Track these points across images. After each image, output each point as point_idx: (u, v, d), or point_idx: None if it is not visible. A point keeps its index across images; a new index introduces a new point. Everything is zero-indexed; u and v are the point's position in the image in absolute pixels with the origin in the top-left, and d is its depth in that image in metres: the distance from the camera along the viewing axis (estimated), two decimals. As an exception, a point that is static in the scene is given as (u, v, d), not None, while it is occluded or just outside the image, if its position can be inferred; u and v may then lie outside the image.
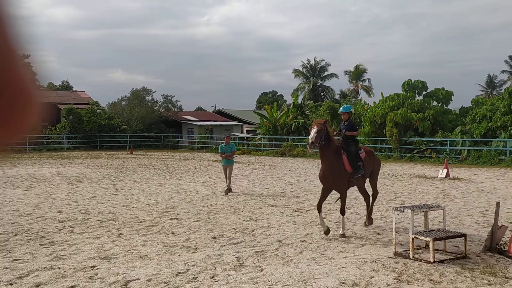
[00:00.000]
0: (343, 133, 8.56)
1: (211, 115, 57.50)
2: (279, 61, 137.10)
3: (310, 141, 7.75)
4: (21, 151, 37.68)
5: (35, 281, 5.72)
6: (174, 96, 51.49)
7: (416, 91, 30.58)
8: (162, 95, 50.19)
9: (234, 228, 8.85)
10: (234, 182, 16.19)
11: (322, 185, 8.45)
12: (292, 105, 40.05)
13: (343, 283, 5.59)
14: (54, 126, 44.62)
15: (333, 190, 8.43)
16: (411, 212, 6.87)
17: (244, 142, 40.76)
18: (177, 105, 50.87)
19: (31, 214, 10.46)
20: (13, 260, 6.68)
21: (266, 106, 40.96)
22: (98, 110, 47.04)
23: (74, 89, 67.94)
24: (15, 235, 8.28)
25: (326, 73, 62.82)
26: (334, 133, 8.66)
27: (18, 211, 10.85)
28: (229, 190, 13.62)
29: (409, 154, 27.35)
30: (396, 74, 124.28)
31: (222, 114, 56.92)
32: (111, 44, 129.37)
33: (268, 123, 38.53)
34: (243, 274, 6.01)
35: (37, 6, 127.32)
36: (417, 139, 27.45)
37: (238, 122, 52.98)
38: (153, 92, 49.12)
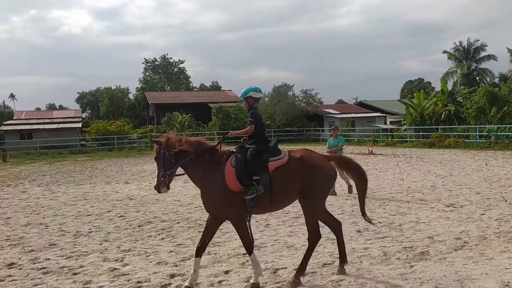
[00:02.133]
0: (224, 135, 6.10)
1: (352, 107, 56.47)
2: (425, 46, 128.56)
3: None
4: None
5: (195, 264, 6.33)
6: (313, 89, 51.94)
7: None
8: (301, 91, 51.00)
9: (379, 222, 8.59)
10: (378, 175, 15.69)
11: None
12: (441, 92, 37.11)
13: (507, 285, 5.04)
14: (206, 124, 48.66)
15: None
16: None
17: (388, 133, 39.14)
18: (317, 98, 51.14)
19: (189, 204, 11.58)
20: (177, 244, 7.49)
21: (415, 94, 38.58)
22: (244, 108, 49.83)
23: (222, 88, 73.09)
24: (178, 223, 9.27)
25: (482, 55, 56.64)
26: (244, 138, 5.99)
27: (179, 201, 12.11)
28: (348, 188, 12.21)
29: None
30: None
31: (363, 105, 55.48)
32: (255, 43, 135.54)
33: (414, 112, 36.30)
34: (390, 269, 5.82)
35: (189, 15, 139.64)
36: None
37: (381, 113, 51.03)
38: (292, 85, 50.15)
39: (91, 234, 8.47)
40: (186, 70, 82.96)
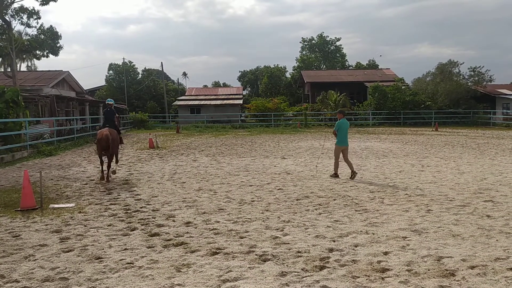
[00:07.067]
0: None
1: (533, 87, 49.19)
2: None
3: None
4: (327, 126, 41.92)
5: (353, 241, 6.37)
6: (483, 66, 46.60)
7: None
8: (468, 68, 46.14)
9: None
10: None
11: None
12: None
13: None
14: (361, 103, 47.59)
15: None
16: None
17: None
18: (489, 77, 45.72)
19: (345, 182, 11.59)
20: (334, 220, 7.61)
21: None
22: (402, 87, 47.26)
23: (380, 67, 70.45)
24: (334, 200, 9.38)
25: None
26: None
27: (335, 179, 12.19)
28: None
29: None
30: None
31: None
32: (419, 18, 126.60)
33: None
34: None
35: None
36: None
37: None
38: (460, 63, 45.63)
39: (253, 203, 9.11)
40: (342, 48, 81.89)
